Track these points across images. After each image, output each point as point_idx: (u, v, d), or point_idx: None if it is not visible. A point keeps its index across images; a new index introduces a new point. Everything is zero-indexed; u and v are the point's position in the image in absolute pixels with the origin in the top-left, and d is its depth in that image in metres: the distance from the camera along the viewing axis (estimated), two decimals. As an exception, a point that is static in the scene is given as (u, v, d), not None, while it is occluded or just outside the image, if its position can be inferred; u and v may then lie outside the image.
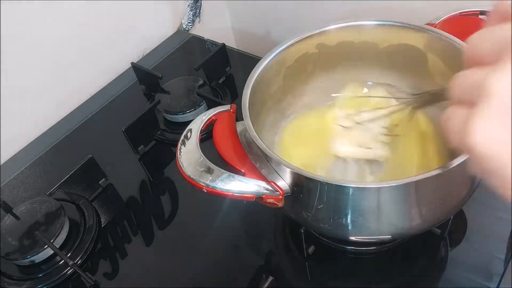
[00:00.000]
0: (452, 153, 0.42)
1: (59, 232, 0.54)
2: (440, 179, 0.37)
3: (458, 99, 0.25)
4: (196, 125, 0.47)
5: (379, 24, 0.52)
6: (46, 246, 0.53)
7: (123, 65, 0.82)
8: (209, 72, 0.75)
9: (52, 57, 0.73)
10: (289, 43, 0.52)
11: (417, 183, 0.37)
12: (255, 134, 0.42)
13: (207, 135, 0.50)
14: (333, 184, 0.38)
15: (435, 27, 0.49)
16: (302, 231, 0.49)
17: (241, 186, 0.40)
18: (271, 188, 0.41)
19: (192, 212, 0.60)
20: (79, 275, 0.53)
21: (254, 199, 0.41)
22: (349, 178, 0.48)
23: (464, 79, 0.25)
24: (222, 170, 0.41)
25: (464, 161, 0.36)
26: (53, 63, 0.73)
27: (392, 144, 0.49)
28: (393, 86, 0.50)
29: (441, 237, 0.50)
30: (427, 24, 0.50)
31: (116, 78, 0.83)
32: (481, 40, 0.25)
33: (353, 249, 0.52)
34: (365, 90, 0.58)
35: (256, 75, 0.49)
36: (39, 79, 0.72)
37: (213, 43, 0.85)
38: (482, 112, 0.22)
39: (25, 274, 0.54)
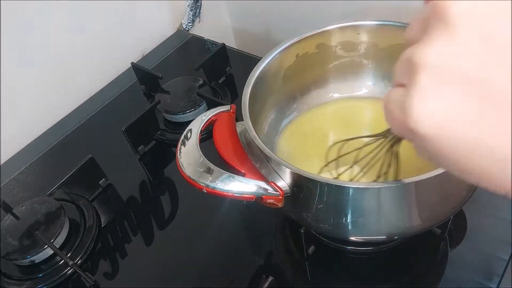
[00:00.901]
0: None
1: (59, 232, 0.54)
2: (440, 179, 0.37)
3: (396, 83, 0.24)
4: (196, 125, 0.47)
5: (379, 24, 0.52)
6: (46, 246, 0.53)
7: (123, 65, 0.82)
8: (209, 72, 0.75)
9: (52, 57, 0.73)
10: (289, 43, 0.52)
11: (417, 184, 0.37)
12: (255, 134, 0.42)
13: (207, 135, 0.50)
14: (333, 184, 0.38)
15: (435, 27, 0.49)
16: (302, 231, 0.49)
17: (241, 186, 0.40)
18: (271, 189, 0.41)
19: (192, 212, 0.60)
20: (79, 275, 0.53)
21: (254, 199, 0.41)
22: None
23: (400, 60, 0.23)
24: (222, 170, 0.41)
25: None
26: (53, 63, 0.73)
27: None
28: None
29: (441, 237, 0.50)
30: (427, 24, 0.50)
31: (116, 78, 0.82)
32: (412, 21, 0.24)
33: (353, 249, 0.52)
34: (365, 90, 0.58)
35: (256, 75, 0.49)
36: (39, 79, 0.72)
37: (213, 43, 0.85)
38: (415, 89, 0.21)
39: (25, 274, 0.54)
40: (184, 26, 0.90)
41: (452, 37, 0.20)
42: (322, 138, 0.53)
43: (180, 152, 0.44)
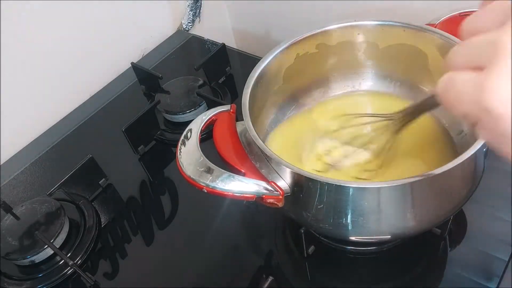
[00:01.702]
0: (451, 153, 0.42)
1: (59, 232, 0.54)
2: (440, 179, 0.37)
3: (461, 66, 0.25)
4: (196, 125, 0.47)
5: (379, 24, 0.52)
6: (46, 246, 0.53)
7: (123, 65, 0.82)
8: (209, 72, 0.75)
9: (52, 57, 0.73)
10: (289, 43, 0.52)
11: (417, 183, 0.37)
12: (255, 134, 0.42)
13: (207, 135, 0.50)
14: (333, 184, 0.38)
15: (435, 27, 0.49)
16: (302, 231, 0.49)
17: (241, 186, 0.40)
18: (271, 188, 0.41)
19: (192, 212, 0.60)
20: (79, 275, 0.53)
21: (254, 199, 0.41)
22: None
23: (469, 45, 0.24)
24: (222, 170, 0.41)
25: (464, 161, 0.36)
26: (53, 63, 0.73)
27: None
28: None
29: (441, 237, 0.50)
30: (427, 24, 0.50)
31: (116, 78, 0.83)
32: (481, 15, 0.25)
33: (353, 249, 0.52)
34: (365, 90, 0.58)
35: (256, 75, 0.49)
36: (39, 79, 0.72)
37: (213, 43, 0.85)
38: (500, 70, 0.22)
39: (25, 274, 0.54)
40: (184, 26, 0.90)
41: None
42: (316, 134, 0.53)
43: (180, 152, 0.44)
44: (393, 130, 0.43)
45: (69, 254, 0.54)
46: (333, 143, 0.50)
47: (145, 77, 0.77)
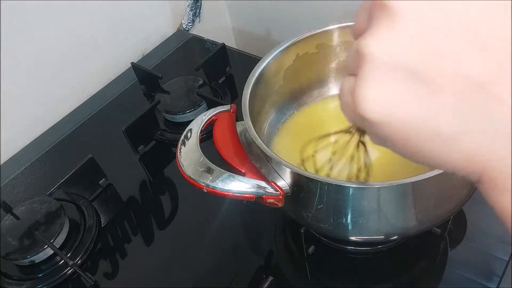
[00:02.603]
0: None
1: (59, 232, 0.54)
2: (440, 179, 0.37)
3: (349, 72, 0.25)
4: (196, 125, 0.47)
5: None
6: (46, 246, 0.53)
7: (123, 65, 0.82)
8: (209, 72, 0.75)
9: (52, 57, 0.73)
10: (289, 43, 0.52)
11: (417, 183, 0.37)
12: (255, 134, 0.42)
13: (207, 135, 0.50)
14: (333, 184, 0.38)
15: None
16: (302, 231, 0.49)
17: (241, 186, 0.40)
18: (271, 188, 0.41)
19: (192, 212, 0.60)
20: (79, 275, 0.53)
21: (254, 199, 0.41)
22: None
23: (349, 53, 0.25)
24: (222, 170, 0.41)
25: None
26: (53, 63, 0.73)
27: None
28: None
29: (441, 237, 0.50)
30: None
31: (116, 78, 0.83)
32: (358, 12, 0.25)
33: (353, 249, 0.52)
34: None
35: (256, 75, 0.49)
36: (39, 79, 0.72)
37: (213, 43, 0.85)
38: (364, 78, 0.22)
39: (25, 274, 0.54)
40: (184, 26, 0.90)
41: (393, 28, 0.21)
42: (317, 135, 0.53)
43: (180, 152, 0.44)
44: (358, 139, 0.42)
45: (69, 254, 0.54)
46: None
47: (145, 77, 0.77)
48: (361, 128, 0.26)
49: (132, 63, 0.78)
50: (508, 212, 0.22)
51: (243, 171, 0.43)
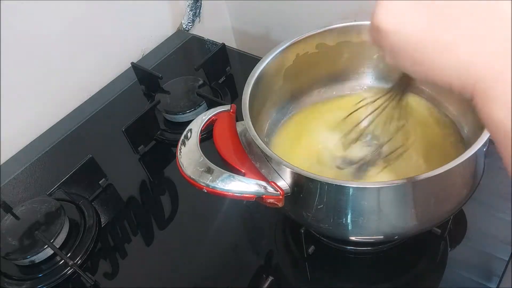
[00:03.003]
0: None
1: (59, 232, 0.54)
2: (440, 179, 0.37)
3: None
4: (196, 125, 0.47)
5: None
6: (46, 246, 0.53)
7: (123, 65, 0.82)
8: (209, 72, 0.75)
9: (52, 57, 0.73)
10: (289, 43, 0.52)
11: (417, 183, 0.37)
12: (255, 134, 0.42)
13: (207, 135, 0.50)
14: (333, 184, 0.38)
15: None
16: (302, 231, 0.49)
17: (241, 186, 0.40)
18: (271, 188, 0.41)
19: (192, 212, 0.60)
20: (79, 275, 0.53)
21: (254, 199, 0.41)
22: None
23: None
24: (222, 170, 0.41)
25: (464, 161, 0.36)
26: (53, 63, 0.73)
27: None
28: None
29: (441, 237, 0.50)
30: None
31: (116, 78, 0.83)
32: None
33: (353, 249, 0.52)
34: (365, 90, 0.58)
35: (256, 75, 0.49)
36: (39, 79, 0.72)
37: (213, 43, 0.85)
38: None
39: (25, 274, 0.54)
40: (184, 26, 0.90)
41: None
42: (320, 136, 0.53)
43: (180, 152, 0.44)
44: (390, 114, 0.44)
45: (69, 254, 0.54)
46: (335, 142, 0.50)
47: (145, 77, 0.77)
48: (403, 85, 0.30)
49: (132, 63, 0.78)
50: (500, 126, 0.23)
51: (243, 171, 0.43)
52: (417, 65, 0.27)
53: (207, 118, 0.48)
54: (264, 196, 0.41)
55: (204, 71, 0.74)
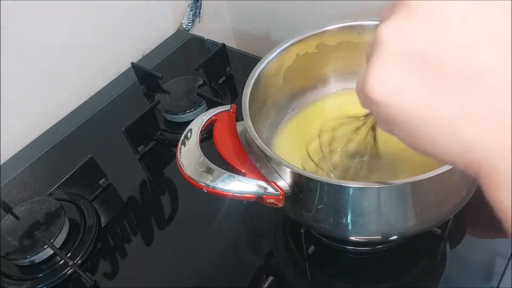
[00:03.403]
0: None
1: (59, 232, 0.54)
2: (440, 179, 0.37)
3: (367, 59, 0.26)
4: (196, 125, 0.47)
5: (379, 24, 0.52)
6: (46, 246, 0.53)
7: (123, 65, 0.82)
8: (209, 72, 0.75)
9: (52, 57, 0.73)
10: (289, 43, 0.52)
11: (417, 183, 0.37)
12: (255, 134, 0.42)
13: (207, 135, 0.50)
14: (333, 184, 0.38)
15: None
16: (302, 231, 0.49)
17: (241, 186, 0.40)
18: (271, 188, 0.41)
19: (192, 212, 0.60)
20: (79, 275, 0.53)
21: (254, 199, 0.41)
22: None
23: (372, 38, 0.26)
24: (222, 170, 0.41)
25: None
26: (53, 63, 0.73)
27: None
28: None
29: (441, 237, 0.50)
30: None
31: (116, 78, 0.83)
32: (385, 9, 0.26)
33: (353, 249, 0.52)
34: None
35: (256, 75, 0.49)
36: (39, 79, 0.72)
37: (213, 43, 0.85)
38: (375, 60, 0.23)
39: (25, 274, 0.54)
40: (184, 26, 0.90)
41: (408, 17, 0.22)
42: (315, 134, 0.53)
43: (180, 152, 0.44)
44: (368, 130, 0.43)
45: (69, 254, 0.54)
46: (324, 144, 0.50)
47: (145, 77, 0.77)
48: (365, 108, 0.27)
49: (132, 63, 0.78)
50: (506, 209, 0.21)
51: (243, 171, 0.43)
52: (415, 139, 0.24)
53: (207, 118, 0.48)
54: (264, 196, 0.41)
55: (204, 71, 0.74)
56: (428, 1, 0.22)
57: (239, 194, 0.41)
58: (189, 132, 0.46)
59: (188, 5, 0.88)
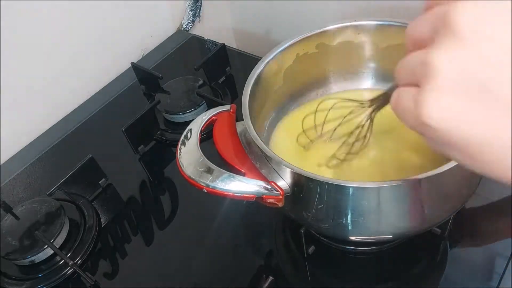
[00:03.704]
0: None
1: (59, 232, 0.54)
2: (440, 178, 0.37)
3: (405, 82, 0.27)
4: (196, 125, 0.47)
5: (379, 24, 0.52)
6: (46, 246, 0.53)
7: (123, 65, 0.82)
8: (209, 72, 0.75)
9: (52, 57, 0.73)
10: (289, 43, 0.52)
11: (417, 183, 0.37)
12: (255, 134, 0.42)
13: (207, 135, 0.50)
14: (333, 184, 0.38)
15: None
16: (302, 231, 0.49)
17: (241, 186, 0.40)
18: (271, 188, 0.41)
19: (192, 212, 0.60)
20: (79, 275, 0.53)
21: (254, 199, 0.41)
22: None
23: (409, 61, 0.27)
24: (222, 170, 0.41)
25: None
26: (53, 63, 0.73)
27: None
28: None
29: (441, 237, 0.50)
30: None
31: (116, 78, 0.83)
32: (418, 23, 0.27)
33: (353, 249, 0.52)
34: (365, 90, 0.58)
35: (256, 75, 0.49)
36: (39, 79, 0.72)
37: (213, 43, 0.85)
38: (432, 87, 0.24)
39: (25, 274, 0.54)
40: (184, 26, 0.90)
41: (462, 44, 0.23)
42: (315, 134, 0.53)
43: (180, 152, 0.44)
44: (365, 116, 0.44)
45: (69, 254, 0.54)
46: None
47: (145, 77, 0.77)
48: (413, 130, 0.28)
49: (132, 63, 0.78)
50: None
51: (243, 171, 0.43)
52: (474, 161, 0.25)
53: (207, 118, 0.48)
54: (264, 196, 0.41)
55: (204, 71, 0.74)
56: (477, 26, 0.22)
57: (239, 194, 0.41)
58: (189, 132, 0.46)
59: (188, 5, 0.88)
